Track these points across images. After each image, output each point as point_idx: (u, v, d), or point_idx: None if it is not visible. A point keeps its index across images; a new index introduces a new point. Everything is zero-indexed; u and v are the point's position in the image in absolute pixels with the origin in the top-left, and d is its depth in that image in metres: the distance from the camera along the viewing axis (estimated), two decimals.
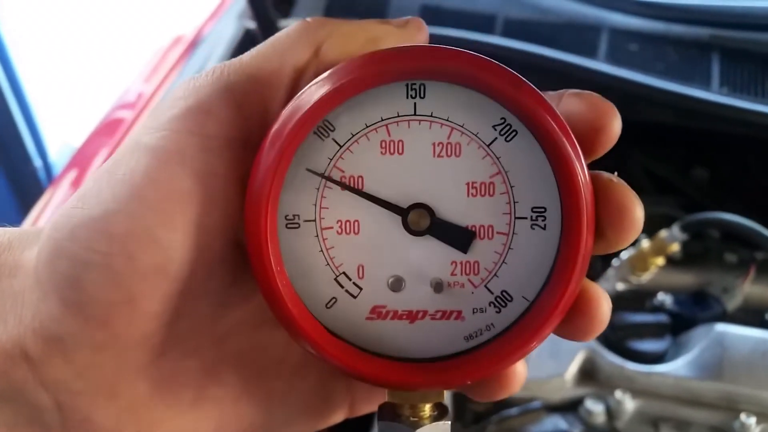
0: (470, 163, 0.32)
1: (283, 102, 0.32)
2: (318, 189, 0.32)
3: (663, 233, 0.94)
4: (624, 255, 0.97)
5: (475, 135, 0.32)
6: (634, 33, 1.20)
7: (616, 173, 0.31)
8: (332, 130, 0.32)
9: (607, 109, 0.31)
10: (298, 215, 0.33)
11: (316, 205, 0.33)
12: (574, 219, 0.30)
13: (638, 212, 0.30)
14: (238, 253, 0.32)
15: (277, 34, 0.33)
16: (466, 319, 0.33)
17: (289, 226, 0.32)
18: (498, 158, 0.32)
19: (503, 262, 0.32)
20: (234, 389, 0.34)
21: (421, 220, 0.32)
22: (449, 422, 0.34)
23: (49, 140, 1.45)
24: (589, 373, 0.91)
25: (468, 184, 0.32)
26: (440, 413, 0.34)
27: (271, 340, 0.36)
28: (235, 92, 0.32)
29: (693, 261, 1.05)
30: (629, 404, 0.87)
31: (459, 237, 0.32)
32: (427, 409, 0.33)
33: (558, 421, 0.87)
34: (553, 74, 1.10)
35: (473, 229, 0.32)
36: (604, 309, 0.31)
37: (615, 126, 0.31)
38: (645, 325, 0.96)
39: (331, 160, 0.32)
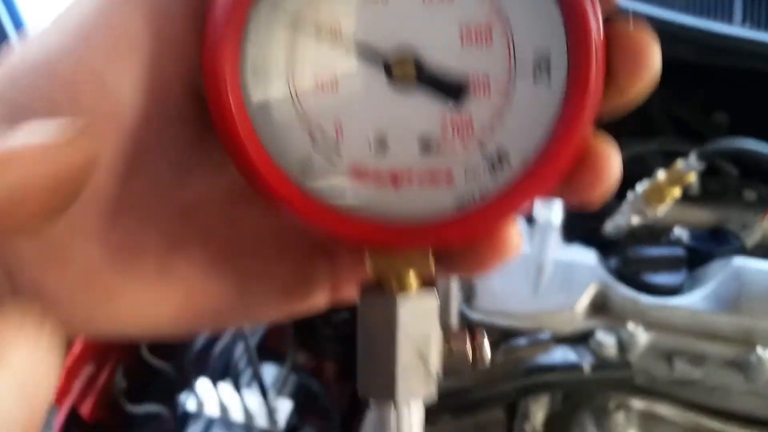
0: (464, 4, 0.29)
1: None
2: (287, 37, 0.30)
3: (679, 163, 0.91)
4: (639, 188, 0.94)
5: None
6: None
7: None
8: None
9: None
10: (265, 68, 0.30)
11: (285, 55, 0.30)
12: (581, 58, 0.27)
13: (654, 53, 0.27)
14: (200, 109, 0.30)
15: None
16: (457, 181, 0.30)
17: (255, 82, 0.30)
18: (497, 2, 0.29)
19: (500, 118, 0.29)
20: (202, 265, 0.32)
21: (407, 69, 0.29)
22: (435, 293, 0.31)
23: None
24: (601, 307, 0.90)
25: (461, 30, 0.29)
26: (427, 284, 0.31)
27: (245, 215, 0.34)
28: None
29: (711, 198, 1.03)
30: (642, 337, 0.85)
31: (450, 89, 0.29)
32: (413, 280, 0.31)
33: (568, 352, 0.86)
34: None
35: (467, 80, 0.29)
36: (612, 161, 0.28)
37: None
38: (660, 259, 0.95)
39: (303, 2, 0.29)
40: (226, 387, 1.10)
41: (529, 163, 0.29)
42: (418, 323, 0.31)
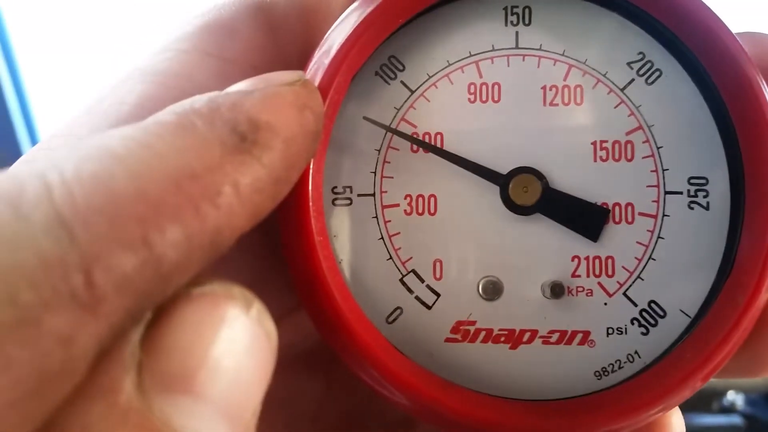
0: (597, 113, 0.24)
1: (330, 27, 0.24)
2: (379, 150, 0.24)
3: None
4: None
5: (604, 75, 0.24)
6: None
7: None
8: (401, 70, 0.24)
9: None
10: (350, 187, 0.24)
11: (375, 172, 0.24)
12: (766, 185, 0.21)
13: None
14: (264, 242, 0.24)
15: None
16: (597, 344, 0.23)
17: (336, 201, 0.24)
18: (637, 107, 0.23)
19: (650, 257, 0.23)
20: None
21: (529, 191, 0.23)
22: None
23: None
24: None
25: (595, 143, 0.24)
26: None
27: (303, 386, 0.27)
28: (271, 13, 0.26)
29: None
30: None
31: (585, 217, 0.23)
32: None
33: None
34: None
35: (606, 206, 0.23)
36: None
37: None
38: (717, 429, 0.90)
39: (398, 110, 0.24)
40: None
41: (700, 320, 0.22)
42: None
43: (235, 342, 0.17)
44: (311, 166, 0.22)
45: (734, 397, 0.92)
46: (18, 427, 0.14)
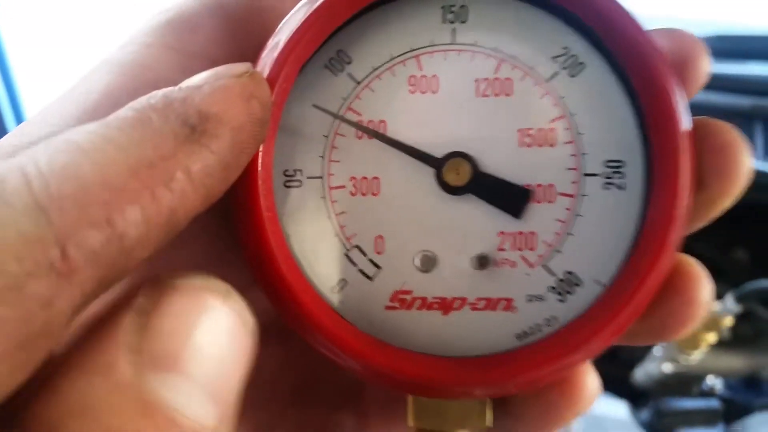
0: (524, 103, 0.26)
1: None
2: (327, 136, 0.27)
3: (716, 305, 0.89)
4: None
5: (531, 68, 0.26)
6: None
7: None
8: (348, 63, 0.27)
9: (693, 40, 0.26)
10: (299, 170, 0.27)
11: (324, 156, 0.27)
12: (670, 168, 0.24)
13: (746, 153, 0.24)
14: (222, 224, 0.27)
15: None
16: (519, 309, 0.26)
17: (288, 184, 0.27)
18: (561, 98, 0.26)
19: (568, 233, 0.26)
20: None
21: (460, 173, 0.26)
22: None
23: None
24: None
25: (521, 131, 0.26)
26: None
27: (263, 359, 0.30)
28: (230, 11, 0.28)
29: (743, 343, 1.01)
30: None
31: (510, 196, 0.26)
32: None
33: None
34: None
35: (529, 188, 0.26)
36: (705, 288, 0.25)
37: (704, 62, 0.26)
38: (695, 412, 0.94)
39: (345, 99, 0.27)
40: None
41: (609, 288, 0.25)
42: None
43: (215, 328, 0.19)
44: (260, 149, 0.25)
45: (713, 382, 0.96)
46: (7, 377, 0.17)
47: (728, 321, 0.88)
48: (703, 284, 0.25)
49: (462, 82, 0.27)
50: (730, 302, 0.88)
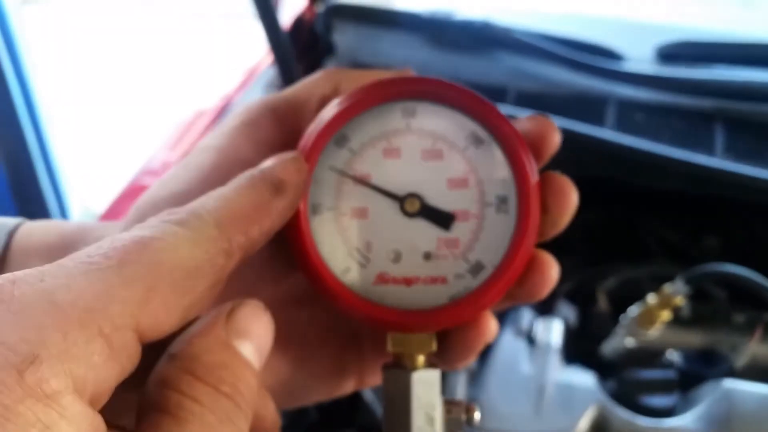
0: (450, 164, 0.43)
1: (311, 121, 0.46)
2: (336, 184, 0.46)
3: (667, 287, 1.03)
4: (632, 311, 1.06)
5: (453, 143, 0.43)
6: (641, 104, 1.34)
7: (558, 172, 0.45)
8: (348, 141, 0.46)
9: (548, 124, 0.45)
10: (321, 204, 0.44)
11: (334, 196, 0.44)
12: (526, 200, 0.44)
13: (574, 194, 0.43)
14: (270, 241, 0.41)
15: (308, 77, 0.48)
16: (450, 282, 0.43)
17: (315, 212, 0.46)
18: (471, 160, 0.46)
19: (476, 238, 0.45)
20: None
21: (414, 205, 0.45)
22: (438, 370, 0.46)
23: (72, 204, 1.49)
24: (600, 428, 0.97)
25: (449, 179, 0.44)
26: (432, 365, 0.46)
27: (296, 317, 0.49)
28: (277, 112, 0.45)
29: (702, 321, 1.13)
30: None
31: (442, 219, 0.45)
32: (421, 360, 0.45)
33: None
34: (564, 142, 1.23)
35: (454, 213, 0.45)
36: (552, 269, 0.44)
37: (554, 137, 0.45)
38: (654, 381, 1.04)
39: (346, 162, 0.46)
40: None
41: (497, 269, 0.45)
42: (427, 393, 0.44)
43: (261, 323, 0.34)
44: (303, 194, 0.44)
45: (672, 355, 1.08)
46: (189, 310, 0.31)
47: (679, 300, 1.01)
48: (552, 266, 0.44)
49: (414, 151, 0.45)
50: (679, 284, 1.01)
